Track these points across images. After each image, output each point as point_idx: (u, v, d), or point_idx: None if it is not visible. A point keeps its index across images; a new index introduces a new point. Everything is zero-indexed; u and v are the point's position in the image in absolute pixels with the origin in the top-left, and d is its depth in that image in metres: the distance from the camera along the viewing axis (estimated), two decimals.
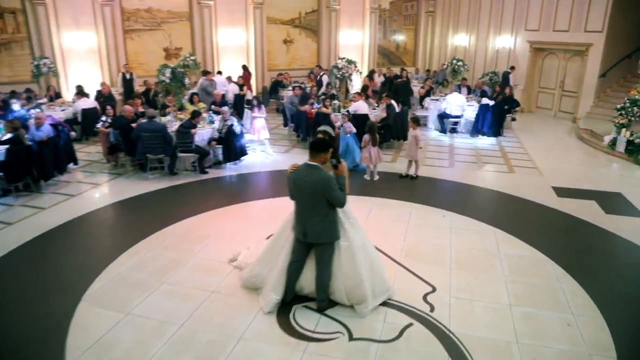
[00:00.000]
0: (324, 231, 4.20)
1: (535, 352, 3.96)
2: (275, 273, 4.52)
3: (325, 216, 4.16)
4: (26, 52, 13.57)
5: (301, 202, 4.23)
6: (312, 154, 4.15)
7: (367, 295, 4.36)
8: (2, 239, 6.18)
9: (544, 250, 5.74)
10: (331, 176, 4.13)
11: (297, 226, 4.32)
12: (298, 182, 4.16)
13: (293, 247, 4.43)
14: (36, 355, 3.96)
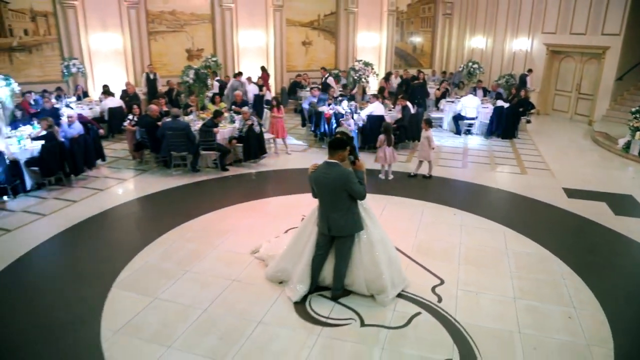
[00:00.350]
0: (347, 224, 4.50)
1: (536, 342, 4.20)
2: (300, 266, 4.83)
3: (348, 210, 4.46)
4: (56, 53, 14.14)
5: (324, 199, 4.54)
6: (331, 152, 4.46)
7: (386, 286, 4.66)
8: (37, 229, 6.63)
9: (551, 249, 5.96)
10: (350, 171, 4.43)
11: (321, 222, 4.62)
12: (319, 179, 4.46)
13: (317, 241, 4.73)
14: (76, 333, 4.33)
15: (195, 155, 8.89)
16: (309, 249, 4.84)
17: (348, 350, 4.08)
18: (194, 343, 4.17)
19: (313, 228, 4.84)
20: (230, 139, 9.26)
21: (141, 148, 9.42)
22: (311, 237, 4.87)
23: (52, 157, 7.93)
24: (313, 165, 4.64)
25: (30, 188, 8.06)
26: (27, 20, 13.64)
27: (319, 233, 4.69)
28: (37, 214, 7.19)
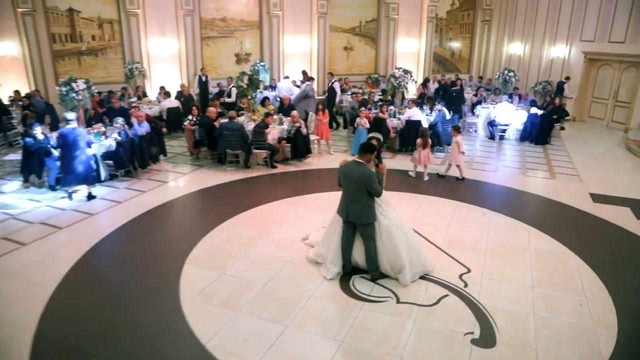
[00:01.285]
0: (362, 214, 5.35)
1: (548, 323, 4.89)
2: (332, 250, 5.69)
3: (365, 203, 5.31)
4: (118, 56, 15.47)
5: (347, 190, 5.39)
6: (361, 153, 5.31)
7: (405, 265, 5.46)
8: (115, 215, 7.69)
9: (571, 247, 6.58)
10: (373, 172, 5.28)
11: (341, 208, 5.49)
12: (346, 174, 5.32)
13: (342, 227, 5.59)
14: (161, 298, 5.30)
15: (248, 153, 9.85)
16: (338, 235, 5.69)
17: (385, 321, 4.88)
18: (258, 309, 5.06)
19: (340, 218, 5.67)
20: (280, 140, 10.17)
21: (199, 146, 10.44)
22: (339, 225, 5.71)
23: (125, 152, 9.03)
24: (343, 161, 5.52)
25: (104, 179, 9.19)
26: (95, 27, 15.02)
27: (343, 220, 5.52)
28: (113, 201, 8.28)
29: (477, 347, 4.50)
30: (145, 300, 5.27)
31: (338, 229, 5.67)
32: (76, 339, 4.61)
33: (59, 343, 4.56)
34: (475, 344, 4.53)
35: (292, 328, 4.75)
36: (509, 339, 4.62)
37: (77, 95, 9.30)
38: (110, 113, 11.11)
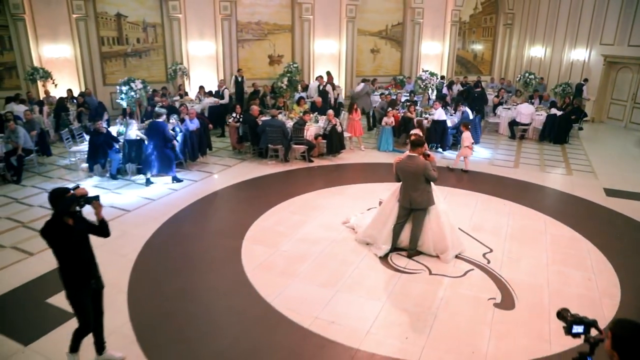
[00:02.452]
0: (423, 200, 6.23)
1: (559, 292, 5.72)
2: (385, 232, 6.58)
3: (424, 189, 6.19)
4: (160, 58, 16.60)
5: (407, 181, 6.26)
6: (412, 148, 6.19)
7: (448, 246, 6.35)
8: (174, 200, 8.69)
9: (583, 233, 7.37)
10: (427, 162, 6.15)
11: (403, 198, 6.35)
12: (404, 168, 6.20)
13: (399, 213, 6.47)
14: (227, 266, 6.27)
15: (288, 148, 10.80)
16: (392, 220, 6.57)
17: (420, 289, 5.77)
18: (311, 278, 6.00)
19: (394, 205, 6.56)
20: (316, 136, 11.11)
21: (242, 141, 11.44)
22: (393, 211, 6.59)
23: (179, 145, 10.05)
24: (398, 158, 6.38)
25: None
26: (140, 30, 16.15)
27: (401, 207, 6.41)
28: (171, 189, 9.31)
29: (499, 309, 5.37)
30: (214, 269, 6.26)
31: (393, 213, 6.55)
32: (162, 298, 5.59)
33: (148, 301, 5.54)
34: (497, 307, 5.40)
35: (342, 292, 5.67)
36: (526, 304, 5.48)
37: (135, 94, 10.31)
38: None
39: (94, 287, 4.27)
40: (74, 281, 4.12)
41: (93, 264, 4.27)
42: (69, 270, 4.09)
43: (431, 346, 4.71)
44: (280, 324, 5.06)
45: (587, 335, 2.59)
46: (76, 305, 4.16)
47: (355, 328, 4.97)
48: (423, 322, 5.11)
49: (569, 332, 2.60)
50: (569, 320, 2.61)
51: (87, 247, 4.20)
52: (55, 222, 3.96)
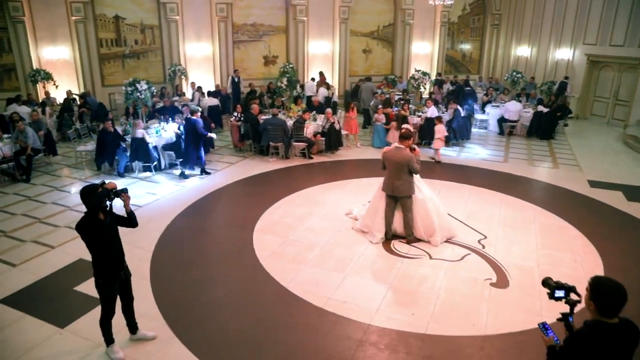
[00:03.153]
0: (405, 189, 6.77)
1: (548, 272, 6.18)
2: (378, 220, 7.09)
3: (406, 179, 6.73)
4: (158, 59, 16.94)
5: (391, 170, 6.78)
6: (401, 140, 6.73)
7: (436, 230, 6.89)
8: (181, 197, 9.08)
9: (569, 220, 7.93)
10: (412, 154, 6.67)
11: (387, 185, 6.89)
12: (390, 158, 6.75)
13: (387, 201, 6.99)
14: (242, 256, 6.71)
15: (288, 145, 11.25)
16: (382, 208, 7.08)
17: (423, 271, 6.27)
18: (321, 263, 6.46)
19: (382, 194, 7.08)
20: (315, 134, 11.57)
21: (244, 139, 11.85)
22: (382, 200, 7.11)
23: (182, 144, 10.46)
24: (386, 148, 6.92)
25: (164, 167, 10.63)
26: (138, 32, 16.48)
27: (387, 195, 6.91)
28: (177, 185, 9.71)
29: (495, 288, 5.89)
30: (230, 258, 6.71)
31: (381, 203, 7.05)
32: (183, 285, 6.01)
33: (171, 287, 5.96)
34: (493, 286, 5.92)
35: (351, 276, 6.15)
36: (519, 283, 6.01)
37: (141, 95, 10.69)
38: (162, 110, 12.55)
39: (123, 277, 4.65)
40: (105, 272, 4.47)
41: (122, 255, 4.63)
42: (101, 262, 4.44)
43: (436, 320, 5.21)
44: (296, 304, 5.52)
45: (568, 298, 3.07)
46: (104, 294, 4.53)
47: (366, 306, 5.45)
48: (427, 300, 5.61)
49: (552, 296, 3.08)
50: (552, 286, 3.09)
51: (117, 239, 4.56)
52: (89, 217, 4.30)
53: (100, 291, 4.51)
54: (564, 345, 2.90)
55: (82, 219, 4.32)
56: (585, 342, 2.78)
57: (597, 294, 2.79)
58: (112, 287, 4.52)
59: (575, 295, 3.06)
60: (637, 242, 7.44)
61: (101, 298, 4.54)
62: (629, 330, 2.80)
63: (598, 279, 2.87)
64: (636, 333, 2.81)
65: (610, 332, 2.76)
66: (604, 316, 2.78)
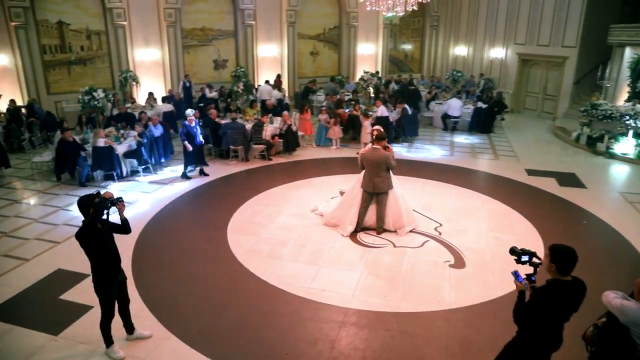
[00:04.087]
0: (385, 185, 7.38)
1: (497, 252, 7.06)
2: (351, 213, 7.66)
3: (385, 176, 7.33)
4: (106, 65, 16.71)
5: (371, 169, 7.35)
6: (376, 141, 7.32)
7: (404, 223, 7.55)
8: (150, 203, 9.27)
9: (512, 206, 8.85)
10: (388, 153, 7.29)
11: (367, 184, 7.45)
12: (369, 158, 7.31)
13: (363, 197, 7.56)
14: (220, 253, 7.08)
15: (248, 148, 11.62)
16: (356, 204, 7.66)
17: (389, 259, 6.91)
18: (296, 258, 6.95)
19: (359, 191, 7.65)
20: (273, 136, 12.00)
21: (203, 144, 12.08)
22: (357, 196, 7.69)
23: (146, 150, 10.59)
24: (363, 150, 7.48)
25: (125, 175, 10.71)
26: (84, 38, 16.18)
27: (365, 192, 7.51)
28: (143, 192, 9.87)
29: (453, 268, 6.63)
30: (209, 257, 7.05)
31: (357, 198, 7.63)
32: (169, 285, 6.32)
33: (157, 288, 6.24)
34: (451, 267, 6.66)
35: (325, 267, 6.69)
36: (474, 263, 6.78)
37: (98, 103, 10.69)
38: (118, 118, 12.55)
39: (120, 280, 4.95)
40: (104, 276, 4.75)
41: (119, 259, 4.93)
42: (100, 267, 4.71)
43: (406, 300, 5.85)
44: (279, 295, 5.99)
45: (532, 262, 3.75)
46: (103, 296, 4.80)
47: (343, 293, 6.01)
48: (396, 283, 6.24)
49: (519, 261, 3.75)
50: (518, 252, 3.76)
51: (113, 245, 4.84)
52: (87, 226, 4.57)
53: (100, 295, 4.78)
54: (530, 298, 3.57)
55: (81, 229, 4.58)
56: (547, 294, 3.49)
57: (557, 256, 3.49)
58: (111, 290, 4.80)
59: (536, 259, 3.74)
60: (570, 221, 8.47)
61: (101, 301, 4.81)
62: (579, 286, 3.55)
63: (556, 246, 3.57)
64: (584, 288, 3.55)
65: (566, 287, 3.50)
66: (561, 275, 3.48)
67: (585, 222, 8.47)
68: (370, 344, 5.07)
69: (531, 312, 3.60)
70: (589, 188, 10.12)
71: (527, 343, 3.71)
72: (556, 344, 3.70)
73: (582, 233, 8.09)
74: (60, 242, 7.58)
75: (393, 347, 5.03)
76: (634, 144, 12.33)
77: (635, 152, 12.22)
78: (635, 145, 12.29)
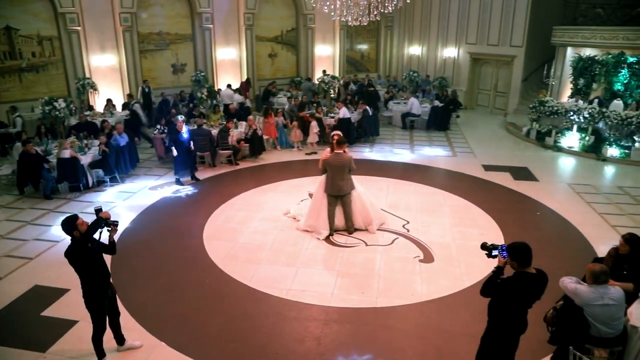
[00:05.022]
0: (348, 186, 7.77)
1: (462, 246, 7.56)
2: (322, 219, 7.95)
3: (348, 179, 7.74)
4: (60, 72, 16.25)
5: (335, 174, 7.68)
6: (338, 145, 7.66)
7: (372, 219, 7.99)
8: (123, 213, 9.25)
9: (473, 201, 9.43)
10: (350, 156, 7.67)
11: (332, 188, 7.77)
12: (333, 163, 7.64)
13: (329, 201, 7.88)
14: (199, 262, 7.23)
15: (214, 153, 11.72)
16: (324, 209, 7.97)
17: (362, 257, 7.27)
18: (273, 261, 7.21)
19: (323, 195, 7.97)
20: (239, 141, 12.15)
21: (168, 151, 12.07)
22: (323, 201, 7.99)
23: (112, 160, 10.52)
24: (325, 155, 7.81)
25: (92, 185, 10.60)
26: (35, 44, 15.67)
27: (330, 196, 7.84)
28: (111, 202, 9.82)
29: (423, 263, 7.08)
30: (188, 264, 7.19)
31: (323, 204, 7.93)
32: (152, 295, 6.43)
33: (140, 300, 6.32)
34: (421, 262, 7.10)
35: (302, 268, 6.98)
36: (442, 257, 7.25)
37: (60, 113, 10.51)
38: (79, 127, 12.35)
39: (110, 294, 5.08)
40: (95, 292, 4.86)
41: (108, 275, 5.04)
42: (90, 283, 4.83)
43: (382, 295, 6.23)
44: (262, 298, 6.24)
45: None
46: (95, 311, 4.92)
47: (322, 292, 6.32)
48: (371, 280, 6.61)
49: (490, 255, 4.16)
50: (489, 247, 4.17)
51: (103, 262, 4.96)
52: (77, 245, 4.68)
53: (92, 310, 4.89)
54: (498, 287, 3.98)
55: (70, 247, 4.69)
56: (514, 285, 3.94)
57: (515, 254, 3.92)
58: (102, 305, 4.92)
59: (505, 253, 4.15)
60: (525, 213, 9.12)
61: (92, 316, 4.92)
62: (542, 278, 4.00)
63: (511, 244, 4.00)
64: (546, 279, 4.00)
65: (531, 279, 3.96)
66: (524, 268, 3.93)
67: (538, 213, 9.14)
68: (354, 338, 5.41)
69: (499, 300, 4.04)
70: (540, 181, 10.87)
71: (498, 330, 4.15)
72: (522, 327, 4.15)
73: (536, 223, 8.74)
74: (32, 257, 7.50)
75: (374, 340, 5.39)
76: (578, 138, 13.25)
77: (580, 145, 13.14)
78: (579, 138, 13.22)
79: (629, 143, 12.43)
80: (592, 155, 12.69)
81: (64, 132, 11.59)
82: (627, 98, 13.93)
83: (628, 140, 12.50)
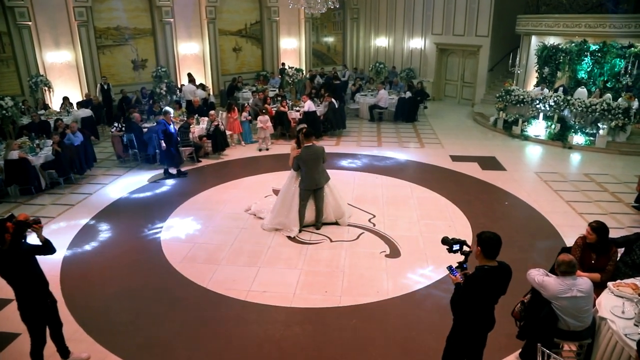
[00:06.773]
0: (323, 178, 7.52)
1: (430, 239, 7.37)
2: (292, 215, 7.64)
3: (322, 170, 7.48)
4: (11, 69, 15.43)
5: (310, 167, 7.35)
6: (306, 138, 7.33)
7: (344, 213, 7.78)
8: (75, 216, 8.76)
9: (440, 192, 9.27)
10: (322, 146, 7.44)
11: (310, 182, 7.45)
12: (306, 157, 7.33)
13: (302, 196, 7.54)
14: (156, 263, 6.85)
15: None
16: (295, 204, 7.66)
17: (327, 253, 7.01)
18: (234, 261, 6.87)
19: (295, 190, 7.66)
20: (201, 137, 11.73)
21: (127, 149, 11.58)
22: (294, 196, 7.68)
23: (66, 161, 9.98)
24: (296, 151, 7.49)
25: (45, 188, 10.04)
26: None
27: (305, 190, 7.52)
28: (65, 204, 9.30)
29: (390, 258, 6.85)
30: (143, 268, 6.80)
31: (295, 198, 7.60)
32: (103, 301, 6.03)
33: (89, 308, 5.91)
34: (388, 257, 6.87)
35: (264, 267, 6.67)
36: (409, 251, 7.04)
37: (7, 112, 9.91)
38: (30, 127, 11.71)
39: (49, 304, 4.67)
40: (31, 302, 4.46)
41: (45, 283, 4.64)
42: (25, 294, 4.43)
43: (346, 293, 5.97)
44: (220, 301, 5.91)
45: (462, 250, 3.96)
46: (31, 324, 4.52)
47: (284, 292, 6.03)
48: (335, 277, 6.35)
49: (451, 250, 3.94)
50: (450, 242, 3.95)
51: (37, 268, 4.54)
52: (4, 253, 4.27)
53: (28, 322, 4.49)
54: (464, 284, 3.77)
55: None
56: (478, 279, 3.72)
57: (483, 242, 3.71)
58: (39, 315, 4.52)
59: (467, 247, 3.95)
60: (493, 203, 9.01)
61: (29, 329, 4.52)
62: (505, 270, 3.80)
63: (482, 233, 3.81)
64: (509, 272, 3.80)
65: (494, 272, 3.75)
66: (488, 259, 3.72)
67: (507, 202, 9.04)
68: (314, 340, 5.14)
69: (464, 298, 3.82)
70: (508, 170, 10.80)
71: (464, 328, 3.94)
72: (489, 324, 3.94)
73: (505, 213, 8.63)
74: None
75: (336, 341, 5.14)
76: (544, 126, 13.28)
77: (546, 134, 13.18)
78: (545, 127, 13.25)
79: (594, 130, 12.51)
80: (558, 143, 12.73)
81: (14, 133, 10.94)
82: (590, 86, 14.06)
83: (593, 127, 12.58)
